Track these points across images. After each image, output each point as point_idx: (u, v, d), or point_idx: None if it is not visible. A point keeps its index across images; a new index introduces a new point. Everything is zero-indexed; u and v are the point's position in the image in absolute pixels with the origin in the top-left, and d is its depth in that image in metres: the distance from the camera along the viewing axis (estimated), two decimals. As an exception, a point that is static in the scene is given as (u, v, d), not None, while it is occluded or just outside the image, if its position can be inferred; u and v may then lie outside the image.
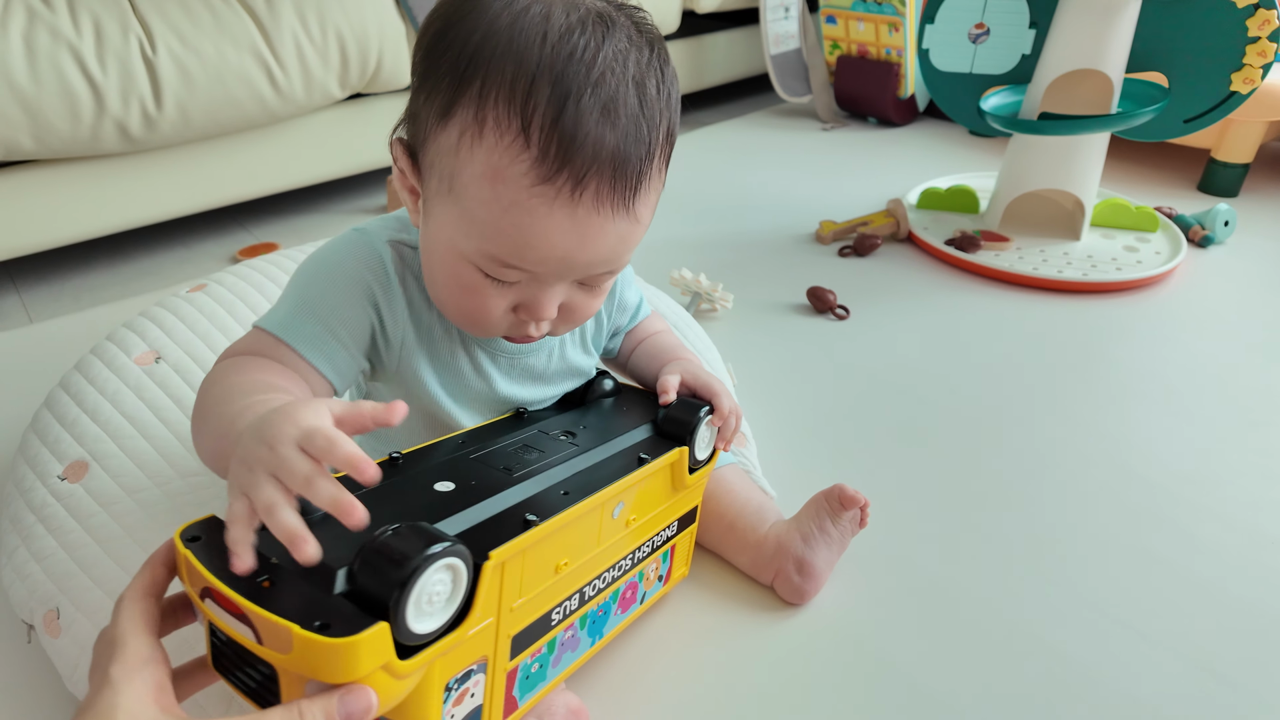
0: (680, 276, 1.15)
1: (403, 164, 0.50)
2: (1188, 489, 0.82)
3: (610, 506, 0.52)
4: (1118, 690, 0.62)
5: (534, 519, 0.45)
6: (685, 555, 0.67)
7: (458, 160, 0.45)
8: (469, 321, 0.51)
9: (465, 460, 0.50)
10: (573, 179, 0.43)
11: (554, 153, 0.42)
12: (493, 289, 0.48)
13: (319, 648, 0.33)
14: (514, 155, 0.43)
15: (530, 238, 0.45)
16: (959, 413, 0.94)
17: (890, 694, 0.61)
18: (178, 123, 1.24)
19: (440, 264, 0.49)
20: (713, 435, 0.62)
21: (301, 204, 1.59)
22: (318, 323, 0.51)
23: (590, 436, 0.56)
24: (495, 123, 0.43)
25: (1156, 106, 1.18)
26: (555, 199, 0.43)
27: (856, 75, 1.95)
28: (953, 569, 0.73)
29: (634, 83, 0.44)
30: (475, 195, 0.45)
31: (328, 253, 0.54)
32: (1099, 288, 1.21)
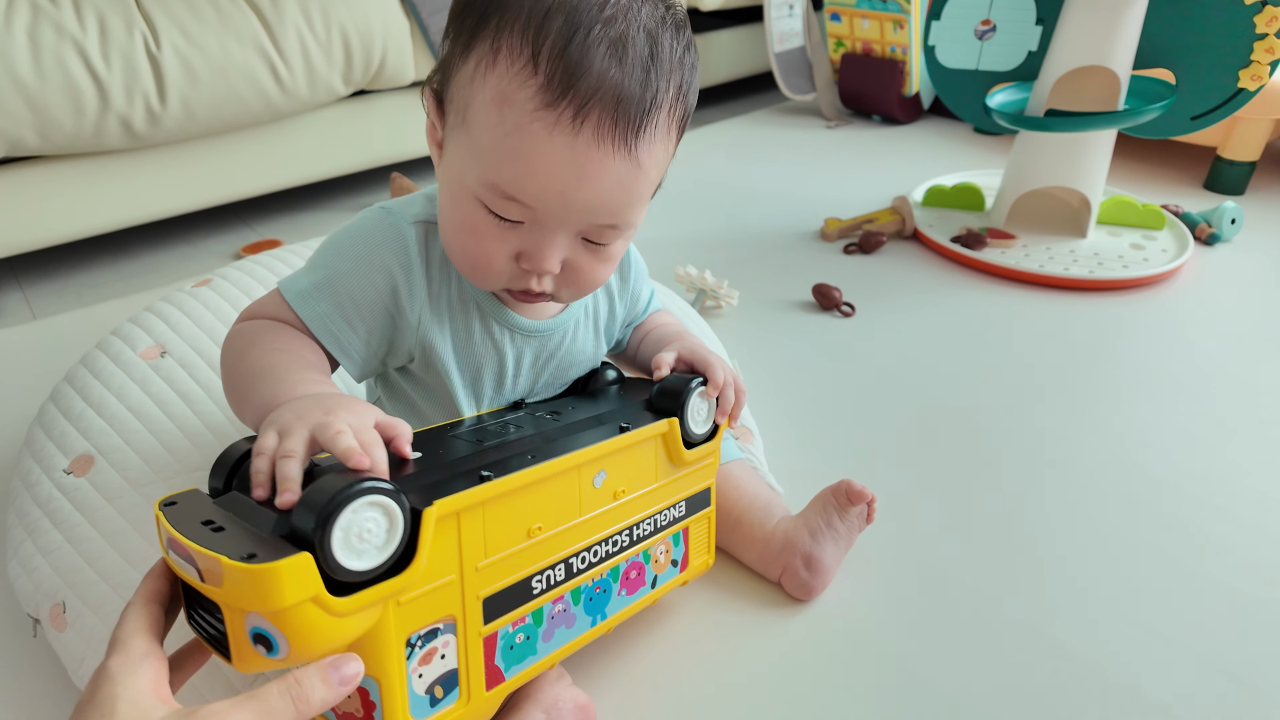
0: (685, 273, 1.14)
1: (431, 112, 0.51)
2: (1197, 486, 0.82)
3: (588, 473, 0.52)
4: (1128, 689, 0.61)
5: (489, 475, 0.46)
6: (705, 541, 0.65)
7: (471, 89, 0.47)
8: (472, 266, 0.52)
9: (443, 434, 0.52)
10: (574, 106, 0.44)
11: (559, 79, 0.44)
12: (495, 230, 0.49)
13: (244, 575, 0.35)
14: (522, 80, 0.44)
15: (529, 164, 0.46)
16: (965, 410, 0.94)
17: (898, 690, 0.61)
18: (182, 119, 1.23)
19: (450, 203, 0.51)
20: (710, 409, 0.61)
21: (305, 201, 1.59)
22: (331, 303, 0.52)
23: (576, 413, 0.57)
24: (509, 50, 0.45)
25: (1164, 103, 1.17)
26: (555, 125, 0.44)
27: (861, 73, 1.94)
28: (961, 566, 0.72)
29: (646, 31, 0.46)
30: (483, 121, 0.46)
31: (354, 230, 0.55)
32: (1106, 285, 1.21)
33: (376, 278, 0.53)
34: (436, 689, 0.46)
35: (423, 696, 0.45)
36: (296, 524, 0.38)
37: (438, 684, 0.46)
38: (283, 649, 0.37)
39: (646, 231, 1.38)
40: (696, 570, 0.65)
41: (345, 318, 0.53)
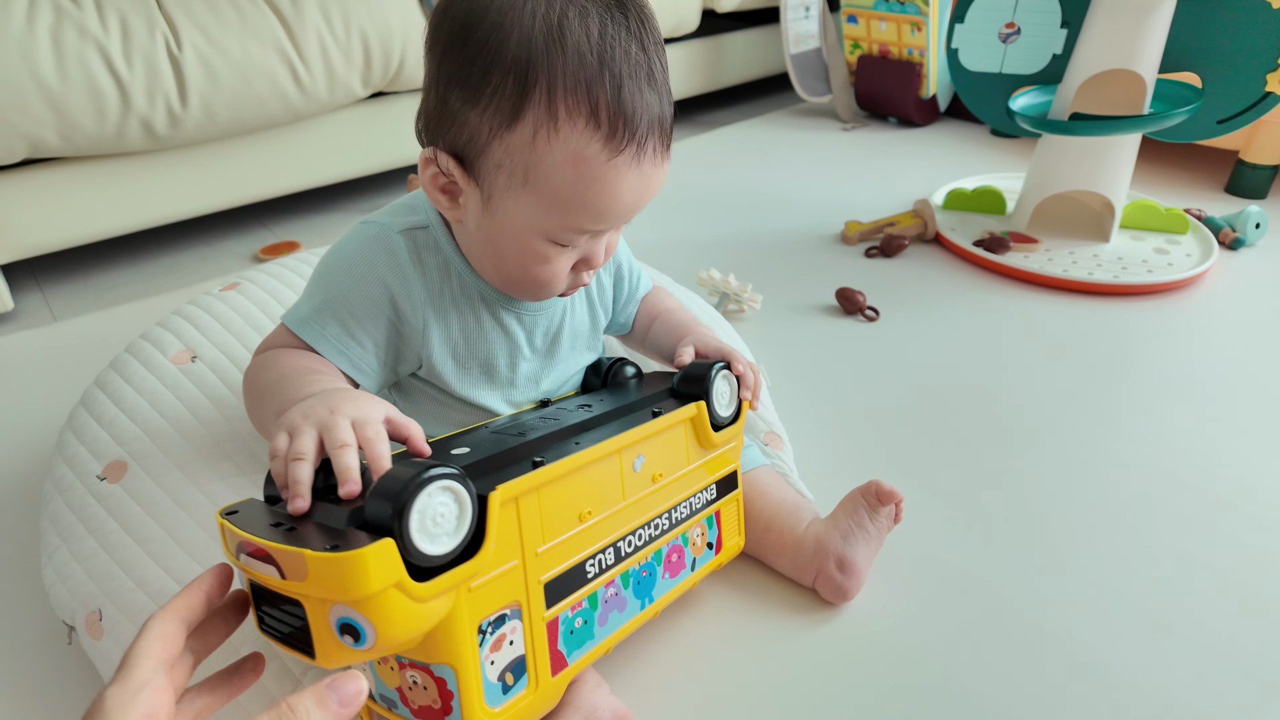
0: (709, 276, 1.14)
1: (454, 173, 0.52)
2: (1229, 494, 0.81)
3: (628, 457, 0.54)
4: (1159, 695, 0.60)
5: (541, 460, 0.48)
6: (735, 523, 0.67)
7: (535, 154, 0.49)
8: (538, 288, 0.57)
9: (483, 431, 0.54)
10: (637, 145, 0.50)
11: (621, 127, 0.49)
12: (562, 255, 0.55)
13: (330, 564, 0.36)
14: (589, 137, 0.49)
15: (610, 202, 0.51)
16: (993, 415, 0.93)
17: (933, 696, 0.60)
18: (202, 120, 1.23)
19: (513, 246, 0.54)
20: (733, 391, 0.63)
21: (322, 202, 1.59)
22: (336, 323, 0.55)
23: (606, 404, 0.59)
24: (567, 114, 0.48)
25: (1190, 108, 1.17)
26: (628, 165, 0.50)
27: (877, 75, 1.94)
28: (992, 570, 0.72)
29: (656, 47, 0.52)
30: (559, 180, 0.50)
31: (344, 249, 0.58)
32: (1131, 290, 1.20)
33: (374, 291, 0.56)
34: (507, 676, 0.47)
35: (495, 684, 0.46)
36: (373, 513, 0.38)
37: (508, 671, 0.47)
38: (370, 637, 0.37)
39: (667, 235, 1.38)
40: (730, 552, 0.66)
41: (351, 335, 0.55)
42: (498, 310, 0.61)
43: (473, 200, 0.53)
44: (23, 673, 0.62)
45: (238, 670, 0.44)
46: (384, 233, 0.57)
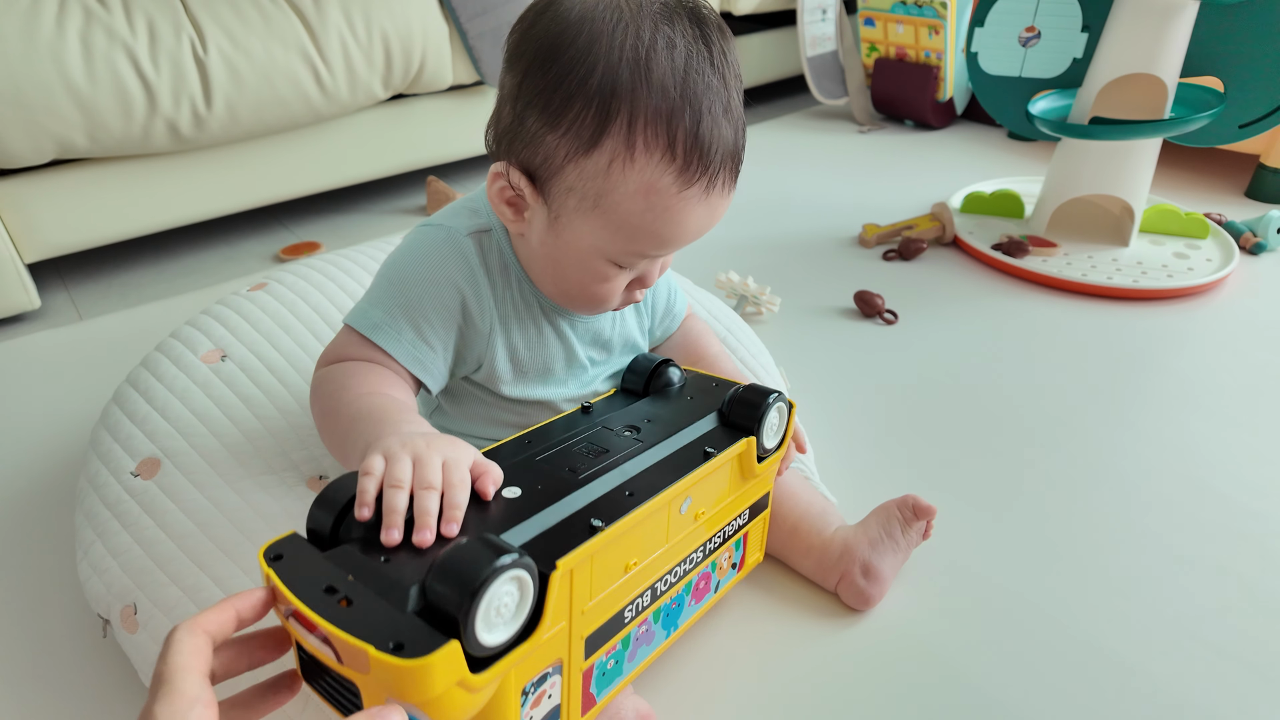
0: (727, 279, 1.14)
1: (520, 186, 0.53)
2: (1255, 500, 0.81)
3: (677, 503, 0.52)
4: (1187, 704, 0.60)
5: (599, 524, 0.45)
6: (759, 541, 0.67)
7: (608, 181, 0.50)
8: (594, 305, 0.58)
9: (531, 463, 0.51)
10: (709, 178, 0.51)
11: (696, 161, 0.50)
12: (621, 275, 0.56)
13: (395, 669, 0.35)
14: (663, 169, 0.49)
15: (676, 231, 0.52)
16: (1014, 419, 0.93)
17: (954, 702, 0.60)
18: (226, 122, 1.25)
19: (575, 265, 0.55)
20: (782, 421, 0.62)
21: (342, 204, 1.60)
22: (410, 328, 0.55)
23: (655, 430, 0.57)
24: (645, 146, 0.49)
25: (1212, 112, 1.16)
26: (697, 198, 0.51)
27: (894, 78, 1.93)
28: (1015, 576, 0.72)
29: (735, 80, 0.52)
30: (629, 208, 0.51)
31: (414, 252, 0.57)
32: (1151, 295, 1.20)
33: (447, 295, 0.56)
34: None
35: None
36: (438, 602, 0.37)
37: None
38: None
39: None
40: (749, 567, 0.66)
41: (425, 339, 0.56)
42: (555, 318, 0.62)
43: (539, 217, 0.54)
44: (58, 665, 0.63)
45: (273, 688, 0.42)
46: (453, 236, 0.57)
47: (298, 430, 0.71)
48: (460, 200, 0.61)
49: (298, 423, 0.71)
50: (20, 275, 1.16)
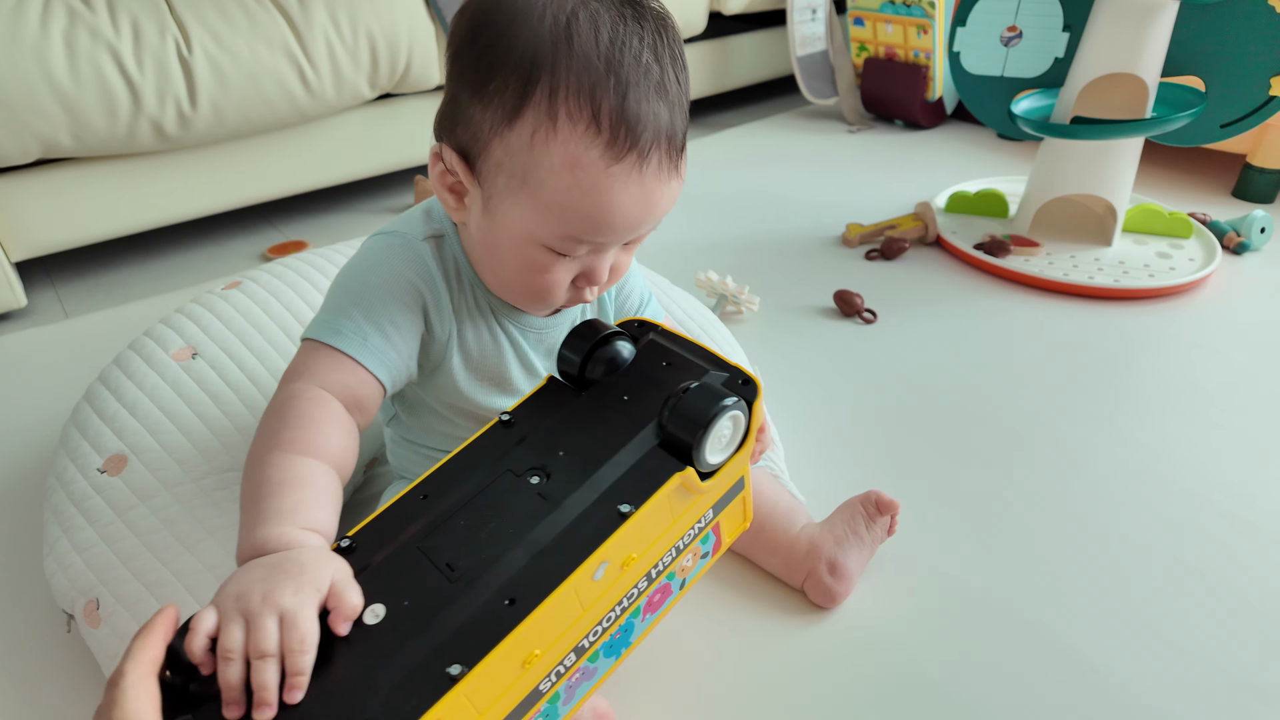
0: (706, 278, 1.14)
1: (455, 168, 0.52)
2: (1227, 500, 0.81)
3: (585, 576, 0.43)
4: (1151, 703, 0.61)
5: (456, 672, 0.38)
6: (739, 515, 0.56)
7: (532, 156, 0.48)
8: (534, 297, 0.56)
9: (409, 555, 0.45)
10: (640, 155, 0.48)
11: (623, 135, 0.48)
12: (561, 265, 0.53)
13: None
14: (588, 142, 0.47)
15: (608, 213, 0.50)
16: (988, 419, 0.94)
17: (919, 699, 0.61)
18: (211, 121, 1.25)
19: (510, 251, 0.53)
20: (737, 429, 0.49)
21: (330, 203, 1.61)
22: (372, 327, 0.53)
23: (567, 473, 0.47)
24: (568, 116, 0.47)
25: (1193, 111, 1.16)
26: (628, 175, 0.49)
27: (884, 77, 1.94)
28: (983, 575, 0.72)
29: (670, 61, 0.50)
30: (554, 185, 0.49)
31: (372, 259, 0.56)
32: (1131, 294, 1.20)
33: (408, 298, 0.55)
34: None
35: None
36: None
37: None
38: None
39: (667, 236, 1.39)
40: (730, 541, 0.56)
41: (390, 343, 0.53)
42: (505, 323, 0.61)
43: (475, 201, 0.53)
44: (24, 660, 0.64)
45: None
46: (409, 241, 0.56)
47: (266, 427, 0.71)
48: (417, 207, 0.60)
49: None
50: (6, 274, 1.17)
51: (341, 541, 0.45)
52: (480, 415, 0.62)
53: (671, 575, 0.52)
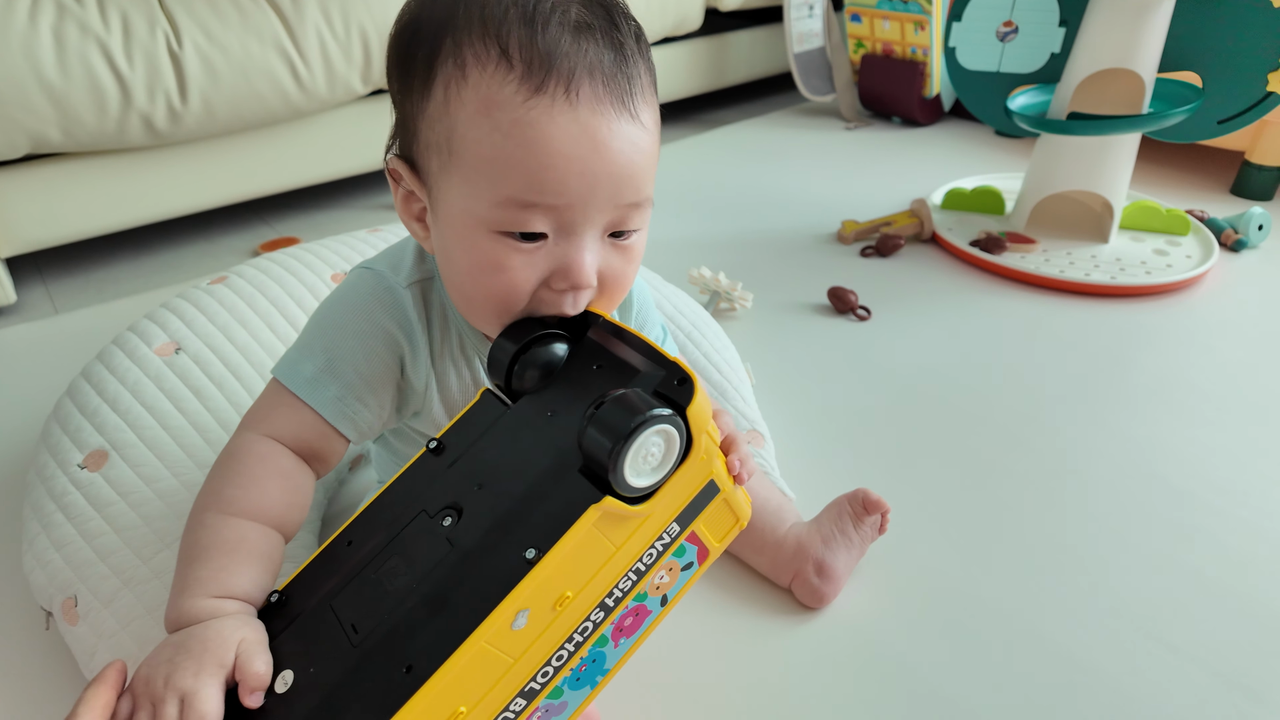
0: (699, 275, 1.14)
1: (406, 180, 0.49)
2: (1218, 498, 0.80)
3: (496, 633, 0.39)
4: (1141, 703, 0.60)
5: None
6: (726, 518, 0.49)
7: (450, 116, 0.45)
8: (502, 307, 0.48)
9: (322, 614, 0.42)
10: (562, 82, 0.43)
11: (538, 62, 0.43)
12: (521, 257, 0.46)
13: None
14: (501, 79, 0.43)
15: (540, 154, 0.43)
16: (983, 416, 0.93)
17: (908, 700, 0.60)
18: (202, 117, 1.25)
19: (460, 248, 0.47)
20: (669, 446, 0.42)
21: (322, 199, 1.60)
22: (341, 385, 0.51)
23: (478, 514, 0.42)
24: (475, 59, 0.44)
25: (1190, 107, 1.15)
26: (554, 105, 0.43)
27: (881, 74, 1.93)
28: (974, 575, 0.71)
29: (600, 5, 0.46)
30: (474, 136, 0.44)
31: (351, 302, 0.53)
32: (1128, 291, 1.19)
33: (382, 350, 0.52)
34: None
35: None
36: None
37: None
38: None
39: (659, 232, 1.38)
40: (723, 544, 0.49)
41: (358, 397, 0.52)
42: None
43: (430, 213, 0.49)
44: (4, 657, 0.63)
45: None
46: (392, 288, 0.53)
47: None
48: (411, 242, 0.56)
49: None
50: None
51: (272, 596, 0.45)
52: None
53: (643, 596, 0.46)
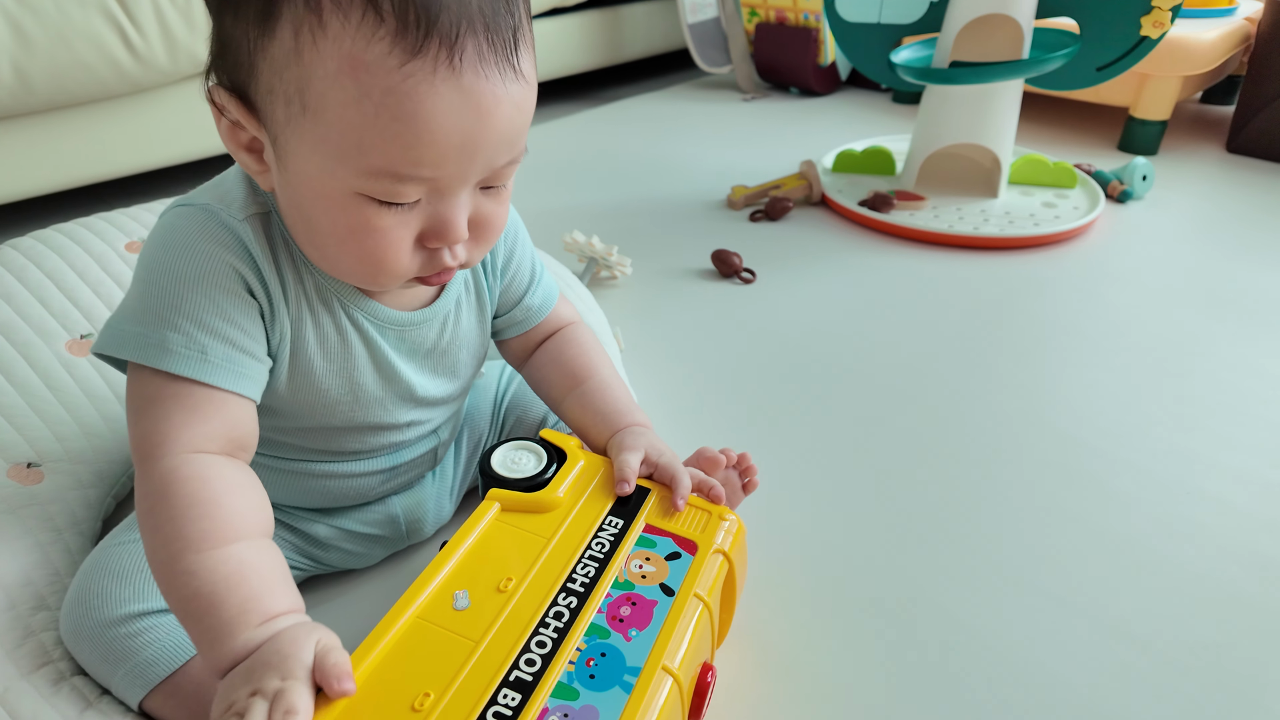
0: (573, 240, 1.06)
1: (233, 112, 0.40)
2: (1104, 441, 0.77)
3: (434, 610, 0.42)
4: (1023, 656, 0.55)
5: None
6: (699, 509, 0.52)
7: (302, 66, 0.37)
8: (371, 271, 0.43)
9: None
10: (445, 43, 0.36)
11: (414, 17, 0.36)
12: (391, 219, 0.40)
13: None
14: (369, 35, 0.36)
15: (421, 128, 0.37)
16: (870, 374, 0.88)
17: (781, 680, 0.54)
18: (17, 89, 1.11)
19: (318, 209, 0.41)
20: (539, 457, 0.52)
21: (181, 184, 1.47)
22: (207, 334, 0.42)
23: None
24: (334, 4, 0.36)
25: (1067, 51, 1.13)
26: (435, 73, 0.37)
27: (775, 43, 1.89)
28: (858, 533, 0.66)
29: None
30: (337, 99, 0.37)
31: (177, 242, 0.43)
32: (1016, 243, 1.16)
33: (235, 286, 0.43)
34: None
35: None
36: None
37: None
38: None
39: (540, 203, 1.30)
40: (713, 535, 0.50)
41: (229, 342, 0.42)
42: (358, 318, 0.48)
43: (270, 154, 0.41)
44: None
45: None
46: (222, 220, 0.43)
47: (8, 410, 0.60)
48: (234, 172, 0.47)
49: (8, 403, 0.61)
50: None
51: None
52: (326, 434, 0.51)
53: (628, 585, 0.46)
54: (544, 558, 0.46)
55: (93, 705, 0.46)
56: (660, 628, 0.43)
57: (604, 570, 0.46)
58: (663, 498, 0.52)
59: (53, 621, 0.50)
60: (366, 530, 0.58)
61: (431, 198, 0.41)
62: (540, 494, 0.50)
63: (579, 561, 0.46)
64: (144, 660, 0.45)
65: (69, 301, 0.68)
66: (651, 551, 0.48)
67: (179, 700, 0.45)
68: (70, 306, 0.68)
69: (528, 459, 0.52)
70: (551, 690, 0.39)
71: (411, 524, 0.60)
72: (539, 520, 0.49)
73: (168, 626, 0.46)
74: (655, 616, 0.44)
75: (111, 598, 0.46)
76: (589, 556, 0.47)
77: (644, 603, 0.45)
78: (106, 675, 0.46)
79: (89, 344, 0.67)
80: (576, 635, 0.42)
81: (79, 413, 0.63)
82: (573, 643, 0.42)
